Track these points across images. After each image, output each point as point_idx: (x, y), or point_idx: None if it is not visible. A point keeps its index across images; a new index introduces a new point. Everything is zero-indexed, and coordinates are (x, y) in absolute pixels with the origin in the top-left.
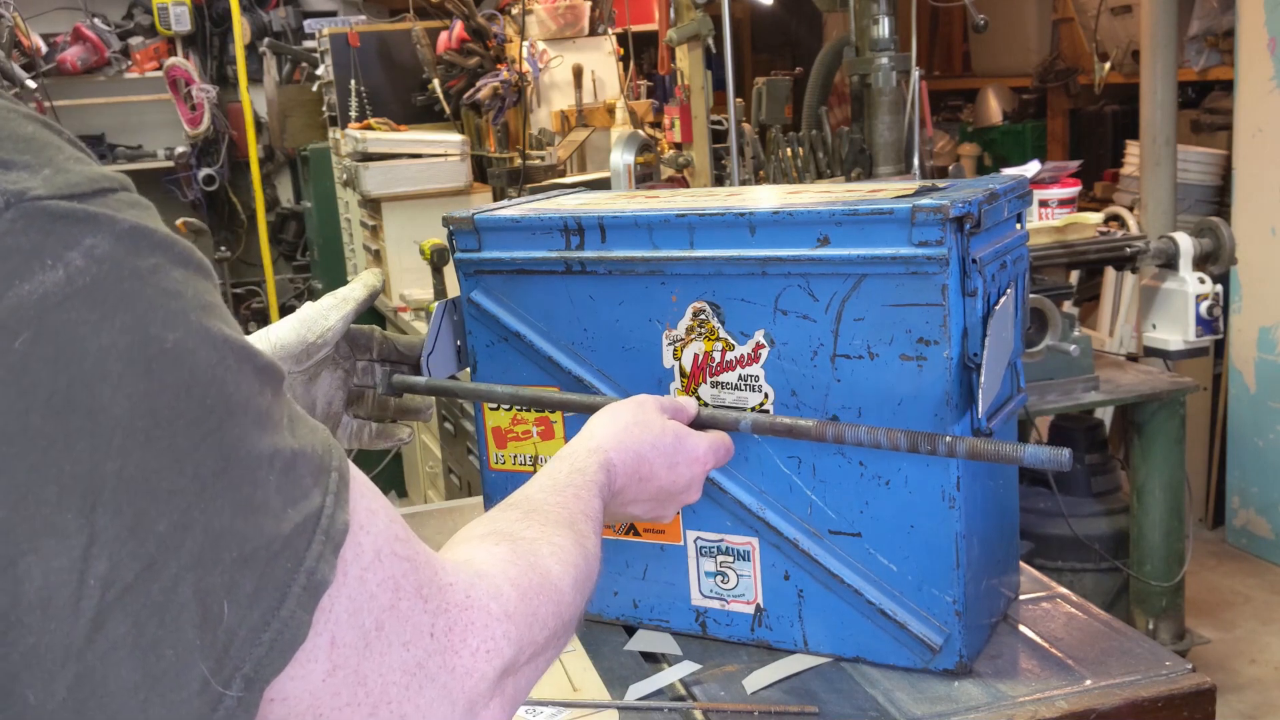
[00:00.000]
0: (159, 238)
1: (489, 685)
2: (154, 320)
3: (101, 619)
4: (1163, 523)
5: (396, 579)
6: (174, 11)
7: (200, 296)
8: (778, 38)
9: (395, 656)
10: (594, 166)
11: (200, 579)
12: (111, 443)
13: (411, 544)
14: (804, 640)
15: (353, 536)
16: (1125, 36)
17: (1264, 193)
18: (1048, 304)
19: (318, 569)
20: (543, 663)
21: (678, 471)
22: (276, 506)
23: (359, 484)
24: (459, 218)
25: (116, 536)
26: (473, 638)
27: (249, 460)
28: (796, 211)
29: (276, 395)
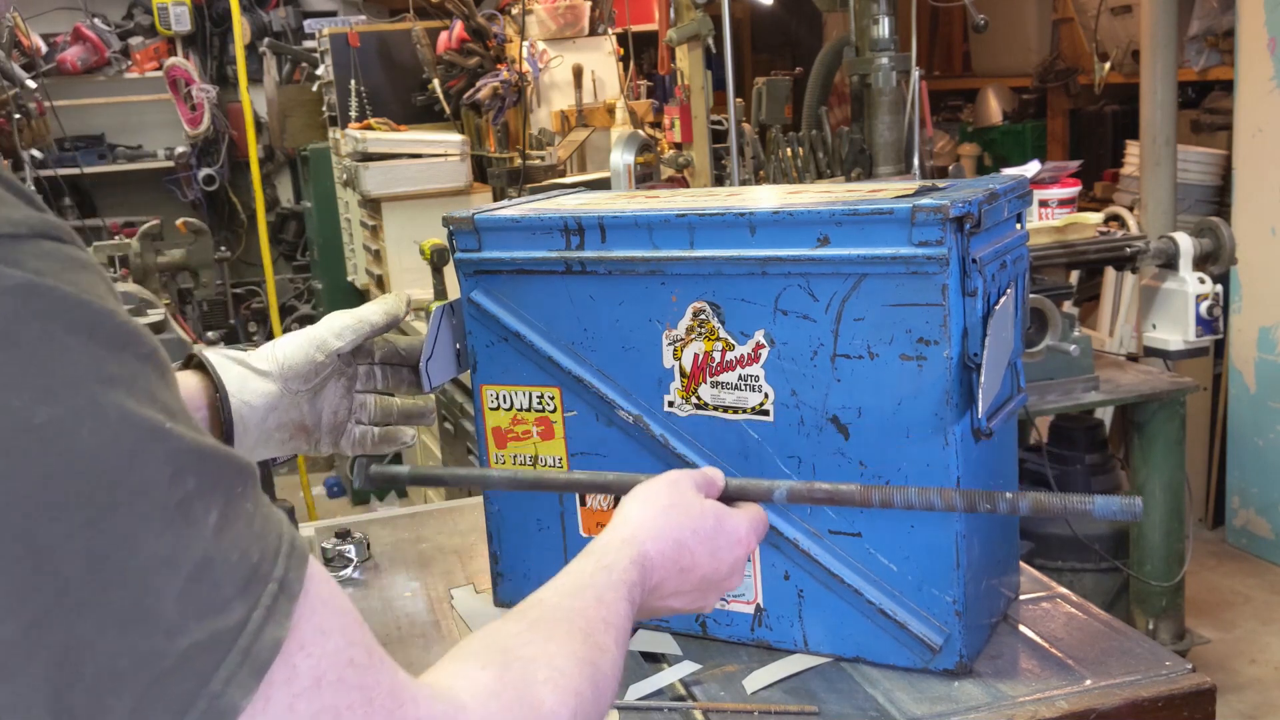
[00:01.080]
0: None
1: None
2: (21, 392)
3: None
4: (1163, 523)
5: (338, 710)
6: (174, 11)
7: (99, 368)
8: (778, 38)
9: None
10: (594, 166)
11: (58, 695)
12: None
13: (372, 672)
14: (804, 640)
15: (289, 659)
16: (1125, 36)
17: (1264, 193)
18: (1048, 304)
19: (225, 693)
20: None
21: (720, 557)
22: (172, 617)
23: (315, 599)
24: (459, 218)
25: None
26: None
27: (135, 563)
28: (796, 211)
29: (203, 485)
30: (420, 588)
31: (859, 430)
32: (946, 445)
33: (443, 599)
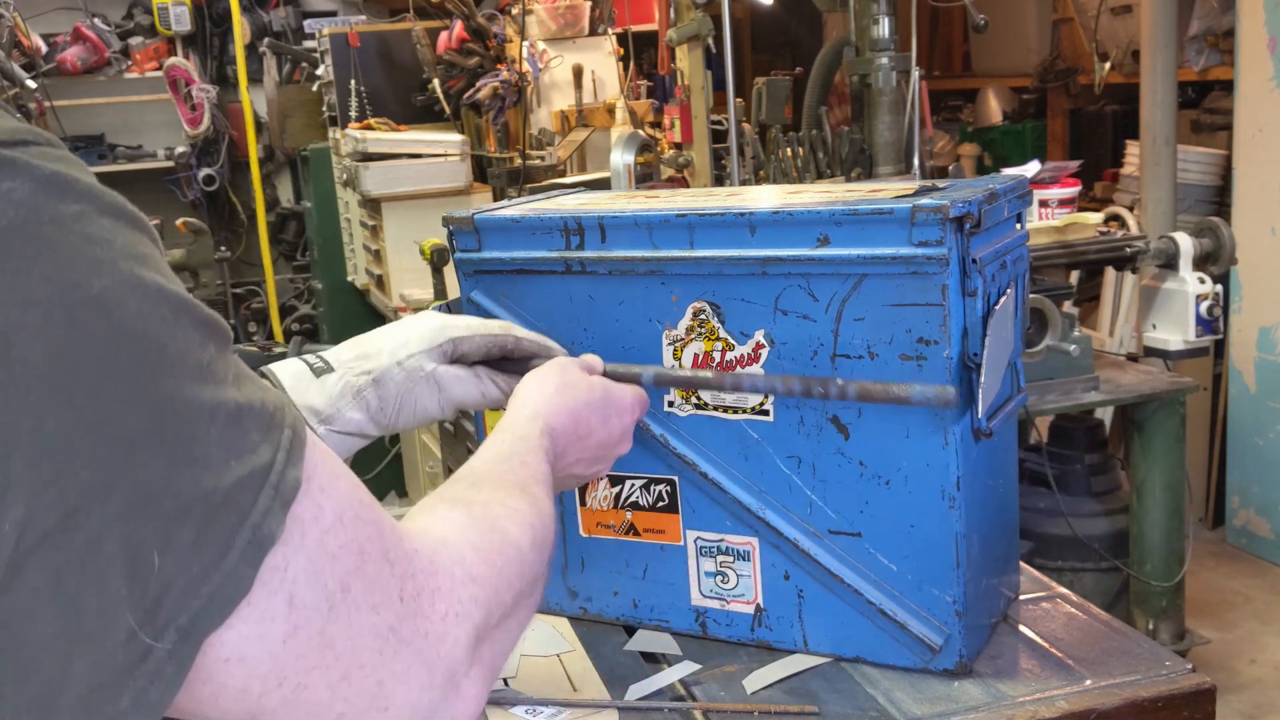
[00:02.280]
0: (83, 186)
1: (465, 651)
2: (77, 267)
3: (18, 567)
4: (1163, 522)
5: (361, 543)
6: (174, 11)
7: (131, 247)
8: (778, 38)
9: (365, 620)
10: (594, 166)
11: (129, 531)
12: (30, 395)
13: (375, 510)
14: (804, 640)
15: (311, 499)
16: (1125, 36)
17: (1264, 193)
18: (1048, 304)
19: (264, 524)
20: (514, 627)
21: (611, 425)
22: (217, 460)
23: (319, 450)
24: (459, 218)
25: (33, 487)
26: (440, 602)
27: (186, 413)
28: (796, 211)
29: (220, 350)
30: None
31: (859, 430)
32: (946, 445)
33: None
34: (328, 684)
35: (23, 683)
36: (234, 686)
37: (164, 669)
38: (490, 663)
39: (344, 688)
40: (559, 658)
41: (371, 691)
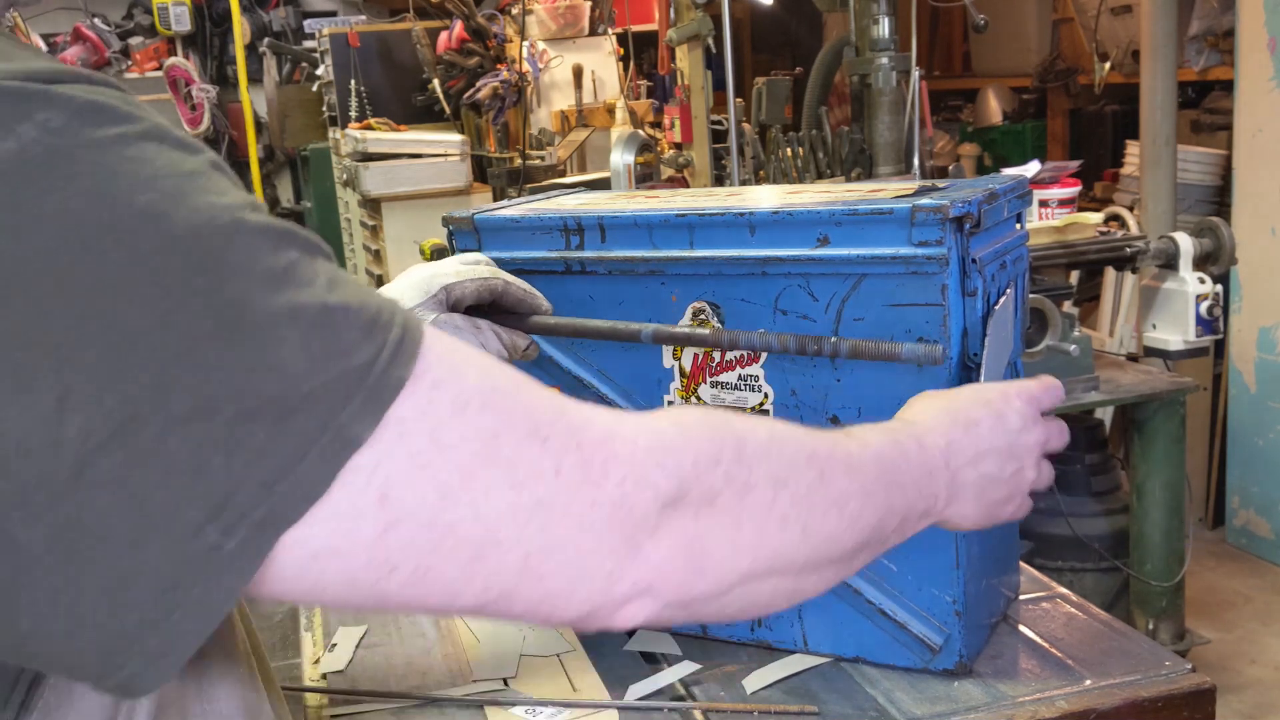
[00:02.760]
0: (123, 112)
1: (645, 515)
2: (119, 185)
3: (83, 465)
4: (1163, 522)
5: (494, 428)
6: (174, 11)
7: (176, 166)
8: (778, 38)
9: (498, 500)
10: (594, 166)
11: (192, 432)
12: (81, 305)
13: (519, 394)
14: (804, 640)
15: (422, 394)
16: (1125, 36)
17: (1264, 193)
18: (1048, 304)
19: (350, 425)
20: (737, 517)
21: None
22: (295, 362)
23: (440, 344)
24: (459, 218)
25: (92, 392)
26: (616, 468)
27: (254, 317)
28: (796, 211)
29: (306, 256)
30: None
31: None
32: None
33: None
34: (458, 564)
35: (96, 574)
36: (337, 579)
37: (235, 562)
38: (694, 539)
39: (479, 565)
40: (559, 658)
41: (516, 565)
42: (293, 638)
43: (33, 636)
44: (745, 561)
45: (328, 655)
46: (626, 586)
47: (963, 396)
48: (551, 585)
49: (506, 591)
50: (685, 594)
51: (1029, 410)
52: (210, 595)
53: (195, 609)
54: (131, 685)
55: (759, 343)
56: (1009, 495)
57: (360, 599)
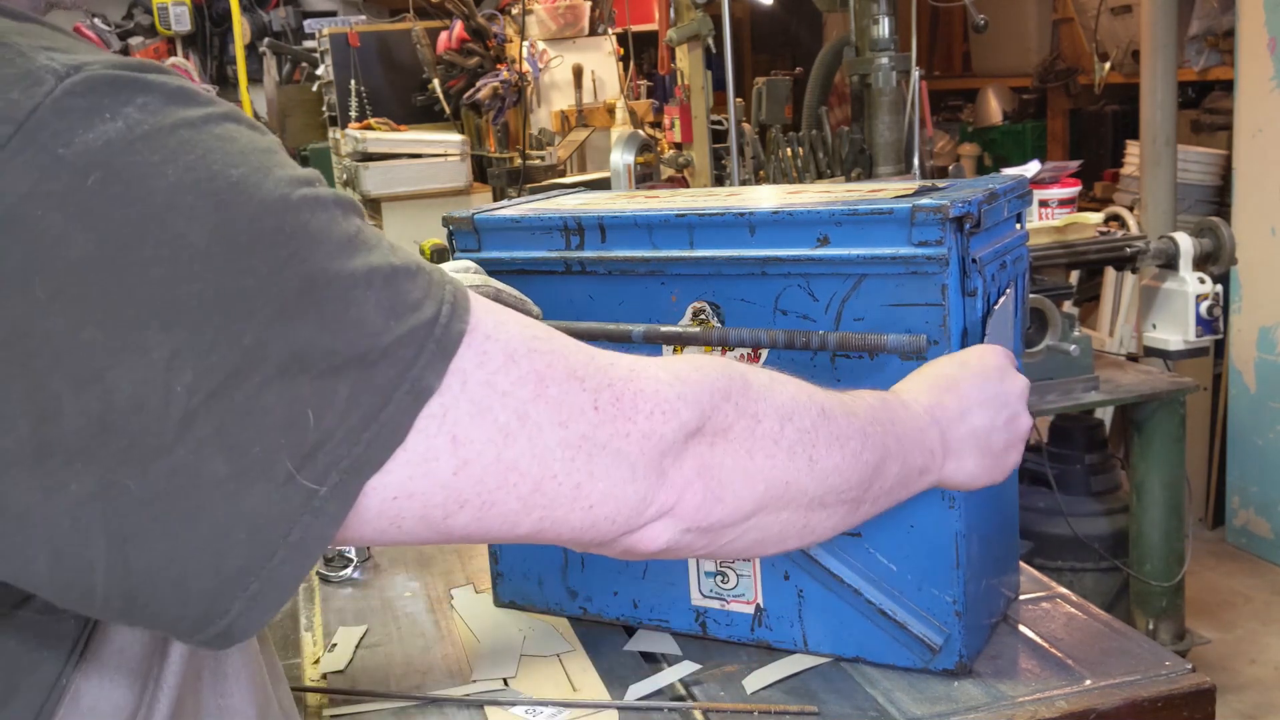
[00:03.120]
0: (205, 98)
1: (671, 444)
2: (215, 159)
3: (189, 420)
4: (1163, 522)
5: (540, 371)
6: (174, 11)
7: (256, 142)
8: (778, 38)
9: (551, 437)
10: (594, 166)
11: (285, 387)
12: (189, 268)
13: (553, 340)
14: (804, 640)
15: (477, 346)
16: (1125, 36)
17: (1264, 193)
18: (1048, 304)
19: (423, 376)
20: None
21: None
22: (374, 321)
23: (481, 302)
24: (459, 218)
25: (198, 350)
26: (644, 402)
27: (337, 281)
28: (796, 211)
29: (364, 222)
30: (420, 588)
31: None
32: None
33: (443, 599)
34: (518, 496)
35: (205, 520)
36: (413, 515)
37: (327, 507)
38: (712, 465)
39: (537, 496)
40: (559, 658)
41: (569, 494)
42: (293, 638)
43: (142, 587)
44: (759, 488)
45: (328, 655)
46: (654, 509)
47: (938, 364)
48: (597, 512)
49: (558, 519)
50: (705, 517)
51: (1005, 361)
52: (307, 539)
53: (294, 553)
54: (231, 631)
55: (749, 339)
56: (1008, 443)
57: (429, 534)
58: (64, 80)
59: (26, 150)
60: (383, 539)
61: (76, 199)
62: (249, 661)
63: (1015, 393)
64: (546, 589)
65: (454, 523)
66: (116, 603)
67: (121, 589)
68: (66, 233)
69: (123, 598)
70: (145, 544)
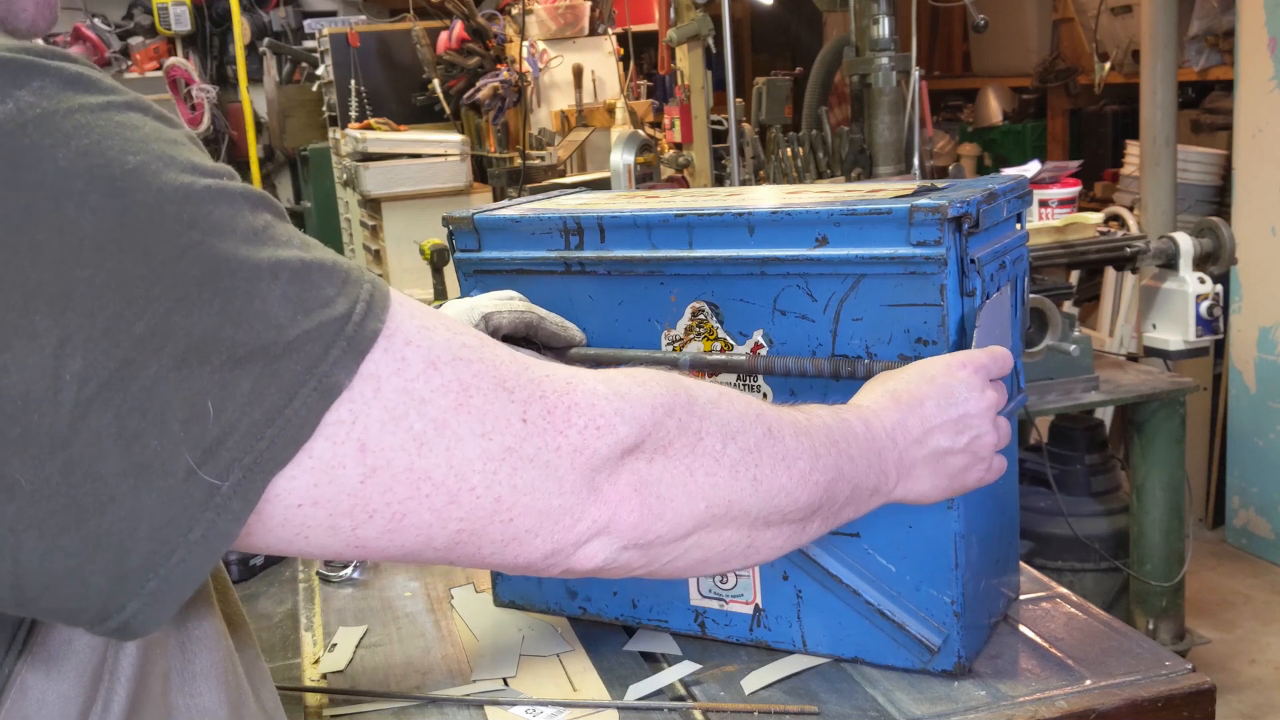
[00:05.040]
0: (107, 85)
1: (605, 459)
2: (112, 145)
3: (82, 411)
4: (1163, 522)
5: (464, 380)
6: (174, 11)
7: (160, 132)
8: (778, 38)
9: (470, 448)
10: (594, 166)
11: (183, 379)
12: (78, 253)
13: (484, 349)
14: (803, 640)
15: (393, 351)
16: (1125, 36)
17: (1264, 193)
18: (1048, 304)
19: (331, 373)
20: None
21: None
22: (279, 314)
23: (407, 305)
24: (459, 218)
25: (89, 337)
26: (577, 417)
27: (240, 271)
28: (795, 211)
29: (278, 218)
30: (420, 588)
31: None
32: None
33: (443, 599)
34: (431, 509)
35: (102, 515)
36: (320, 525)
37: (229, 504)
38: (647, 479)
39: (453, 509)
40: (559, 658)
41: (488, 508)
42: (293, 638)
43: (34, 580)
44: (700, 506)
45: (328, 655)
46: (586, 525)
47: (908, 375)
48: (519, 526)
49: (476, 532)
50: (642, 535)
51: (976, 378)
52: (208, 537)
53: (194, 550)
54: (130, 627)
55: (794, 368)
56: (967, 464)
57: (340, 545)
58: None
59: None
60: (290, 549)
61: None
62: (219, 661)
63: (979, 412)
64: (546, 589)
65: (364, 534)
66: (7, 594)
67: (11, 581)
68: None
69: (12, 589)
70: (37, 538)
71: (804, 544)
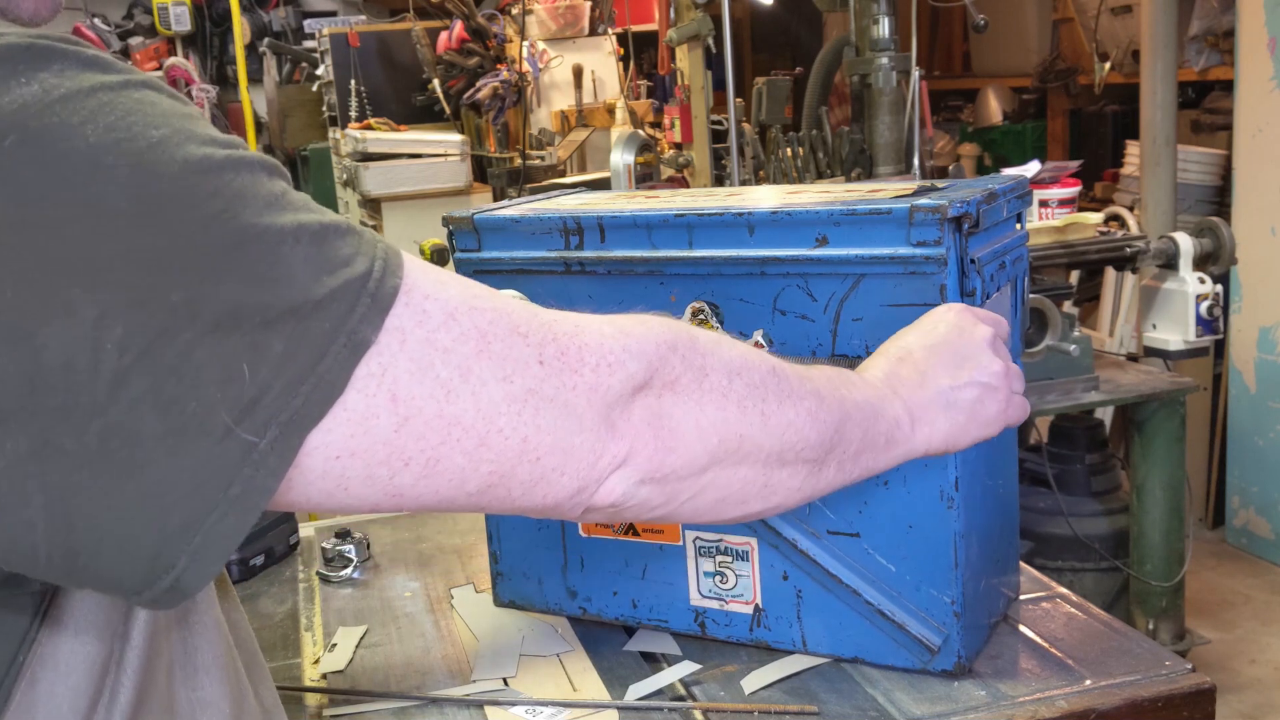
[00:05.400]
0: (122, 66)
1: (618, 395)
2: (135, 120)
3: (121, 378)
4: (1163, 522)
5: (481, 328)
6: (174, 11)
7: (176, 108)
8: (778, 38)
9: (494, 391)
10: (594, 166)
11: (218, 343)
12: (111, 228)
13: (496, 298)
14: (802, 640)
15: (415, 304)
16: (1125, 36)
17: (1264, 193)
18: (1048, 304)
19: (359, 329)
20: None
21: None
22: (304, 275)
23: (419, 263)
24: (459, 218)
25: (127, 309)
26: (589, 355)
27: (266, 237)
28: (795, 211)
29: (289, 184)
30: (420, 588)
31: None
32: None
33: (443, 599)
34: (463, 451)
35: (143, 475)
36: (358, 475)
37: (267, 460)
38: (658, 413)
39: (483, 451)
40: (559, 658)
41: (516, 448)
42: (293, 638)
43: (86, 546)
44: (712, 440)
45: (328, 655)
46: (607, 461)
47: (893, 339)
48: (545, 465)
49: (506, 474)
50: (658, 468)
51: (962, 317)
52: (247, 493)
53: (235, 506)
54: (179, 587)
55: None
56: (980, 395)
57: (378, 495)
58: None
59: None
60: (331, 501)
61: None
62: (220, 655)
63: (975, 343)
64: (546, 589)
65: (400, 482)
66: (59, 562)
67: (63, 548)
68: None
69: (65, 557)
70: (86, 502)
71: (822, 492)
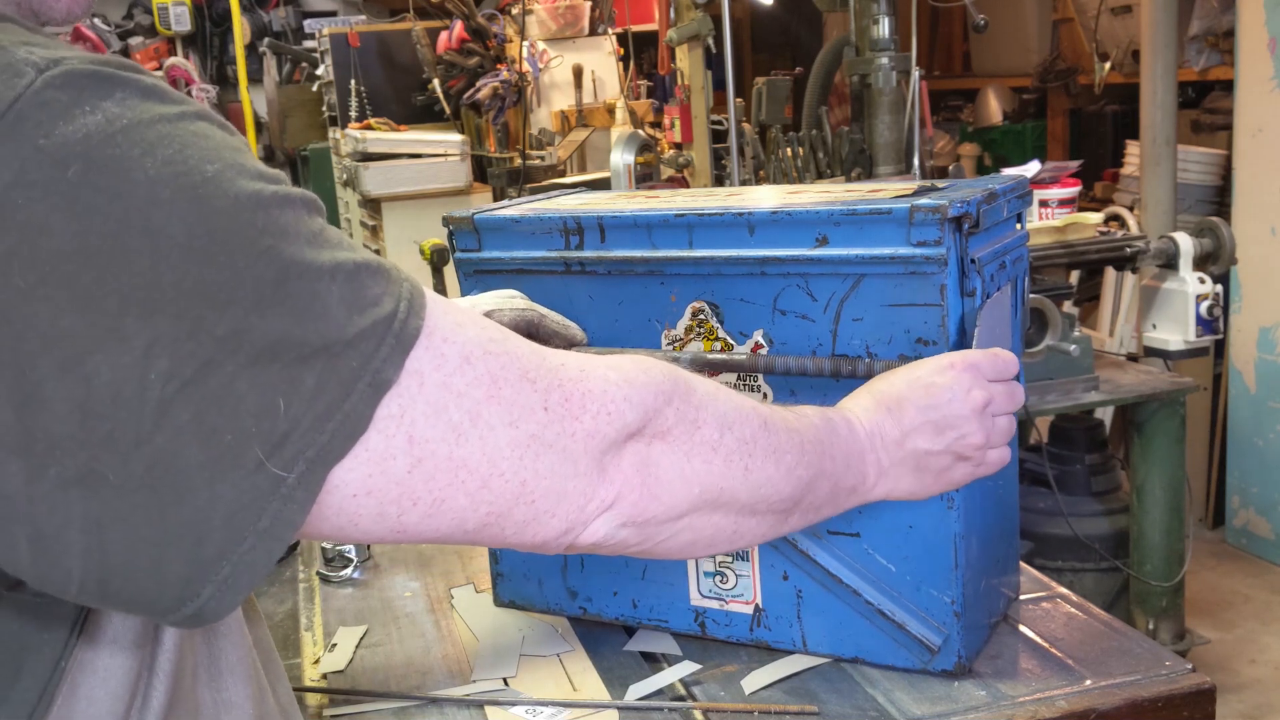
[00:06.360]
0: (177, 96)
1: (612, 442)
2: (192, 154)
3: (165, 408)
4: (1163, 522)
5: (494, 373)
6: (174, 11)
7: (227, 140)
8: (778, 38)
9: (500, 436)
10: (594, 166)
11: (257, 376)
12: (168, 259)
13: (508, 342)
14: (803, 640)
15: (433, 349)
16: (1125, 36)
17: (1264, 193)
18: (1048, 304)
19: (383, 369)
20: (687, 450)
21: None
22: (338, 314)
23: (440, 304)
24: (459, 218)
25: (175, 339)
26: (591, 403)
27: (307, 275)
28: (795, 211)
29: (325, 219)
30: (420, 588)
31: None
32: None
33: (443, 599)
34: (466, 494)
35: (181, 505)
36: (370, 513)
37: (295, 494)
38: (646, 461)
39: (484, 493)
40: (559, 658)
41: (514, 491)
42: (293, 638)
43: (119, 572)
44: (694, 490)
45: (328, 655)
46: (595, 505)
47: (895, 378)
48: (539, 507)
49: (503, 515)
50: (640, 513)
51: (964, 378)
52: (275, 526)
53: (264, 539)
54: (202, 614)
55: (795, 367)
56: (950, 463)
57: (383, 531)
58: (44, 73)
59: (8, 142)
60: (340, 535)
61: (58, 189)
62: (244, 657)
63: (965, 414)
64: (546, 589)
65: (406, 520)
66: (92, 587)
67: (97, 574)
68: (48, 223)
69: (98, 582)
70: (122, 530)
71: (783, 534)
